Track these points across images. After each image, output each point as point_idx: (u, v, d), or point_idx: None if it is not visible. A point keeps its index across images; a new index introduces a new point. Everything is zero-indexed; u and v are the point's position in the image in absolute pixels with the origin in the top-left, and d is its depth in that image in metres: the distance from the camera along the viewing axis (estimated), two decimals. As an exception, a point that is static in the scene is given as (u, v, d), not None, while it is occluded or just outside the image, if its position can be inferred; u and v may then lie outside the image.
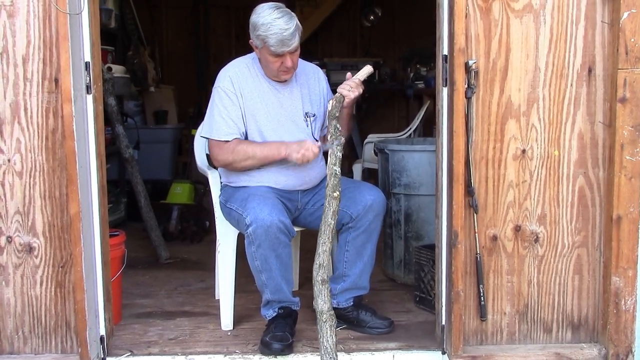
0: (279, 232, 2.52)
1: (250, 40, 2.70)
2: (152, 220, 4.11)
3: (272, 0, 2.70)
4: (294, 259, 3.22)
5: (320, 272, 2.33)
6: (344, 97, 2.65)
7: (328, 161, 2.50)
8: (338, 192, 2.39)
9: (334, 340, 2.28)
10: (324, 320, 2.30)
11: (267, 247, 2.54)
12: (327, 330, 2.28)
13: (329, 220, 2.37)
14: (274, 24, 2.58)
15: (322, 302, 2.31)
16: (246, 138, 2.74)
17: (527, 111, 2.47)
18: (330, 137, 2.53)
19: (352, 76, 2.70)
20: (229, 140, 2.69)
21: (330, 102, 2.62)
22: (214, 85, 2.76)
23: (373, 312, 2.86)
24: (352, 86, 2.65)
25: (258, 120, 2.73)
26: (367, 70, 2.71)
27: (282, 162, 2.73)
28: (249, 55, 2.84)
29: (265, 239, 2.52)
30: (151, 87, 5.79)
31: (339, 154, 2.49)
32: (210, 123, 2.75)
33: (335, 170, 2.43)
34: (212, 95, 2.77)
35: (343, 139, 2.55)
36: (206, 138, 2.81)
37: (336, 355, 2.25)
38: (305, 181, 2.80)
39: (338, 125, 2.56)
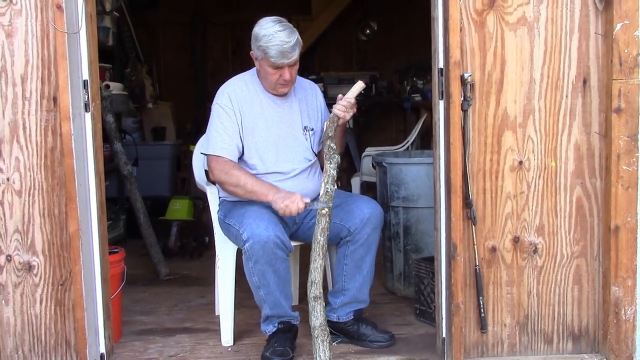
0: (276, 247, 2.53)
1: (251, 52, 2.72)
2: (151, 237, 4.10)
3: (274, 15, 2.74)
4: (294, 274, 3.22)
5: (312, 288, 2.39)
6: (338, 117, 2.67)
7: (323, 179, 2.52)
8: (327, 209, 2.42)
9: (327, 354, 2.33)
10: (316, 335, 2.38)
11: (265, 262, 2.54)
12: (320, 345, 2.36)
13: (318, 237, 2.41)
14: (275, 36, 2.61)
15: (315, 319, 2.38)
16: (243, 153, 2.75)
17: (523, 123, 2.48)
18: (325, 156, 2.57)
19: (344, 96, 2.72)
20: (225, 156, 2.71)
21: (326, 122, 2.66)
22: (213, 102, 2.78)
23: (373, 325, 2.85)
24: (347, 107, 2.67)
25: (257, 135, 2.75)
26: (359, 86, 2.73)
27: (279, 176, 2.74)
28: (247, 72, 2.86)
29: (262, 254, 2.52)
30: (149, 103, 5.80)
31: (333, 172, 2.52)
32: (208, 138, 2.78)
33: (328, 188, 2.46)
34: (211, 113, 2.79)
35: (338, 157, 2.57)
36: (204, 154, 2.83)
37: None
38: (302, 195, 2.80)
39: (333, 145, 2.61)
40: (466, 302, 2.51)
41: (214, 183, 2.94)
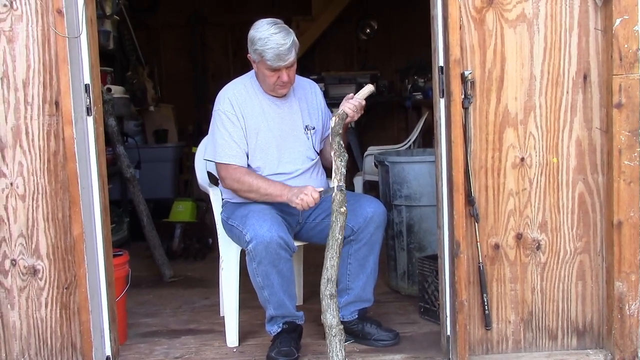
0: (279, 248, 2.53)
1: (248, 55, 2.73)
2: (155, 239, 4.11)
3: (270, 17, 2.74)
4: (298, 274, 3.23)
5: (329, 286, 2.34)
6: (347, 115, 2.67)
7: (332, 176, 2.52)
8: (345, 208, 2.42)
9: (344, 354, 2.29)
10: (334, 334, 2.31)
11: (268, 263, 2.55)
12: (337, 344, 2.30)
13: (337, 235, 2.39)
14: (271, 38, 2.61)
15: (331, 317, 2.32)
16: (248, 157, 2.76)
17: (524, 119, 2.49)
18: (334, 153, 2.56)
19: (354, 96, 2.72)
20: (235, 164, 2.72)
21: (333, 119, 2.64)
22: (214, 108, 2.79)
23: (378, 324, 2.86)
24: (357, 107, 2.67)
25: (260, 136, 2.75)
26: (369, 89, 2.73)
27: (283, 176, 2.75)
28: (246, 74, 2.87)
29: (265, 255, 2.53)
30: (151, 106, 5.81)
31: (344, 170, 2.52)
32: (213, 146, 2.78)
33: (341, 186, 2.46)
34: (212, 118, 2.80)
35: (347, 155, 2.58)
36: (210, 161, 2.83)
37: None
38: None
39: (342, 142, 2.59)
40: (470, 299, 2.51)
41: (217, 185, 2.95)
